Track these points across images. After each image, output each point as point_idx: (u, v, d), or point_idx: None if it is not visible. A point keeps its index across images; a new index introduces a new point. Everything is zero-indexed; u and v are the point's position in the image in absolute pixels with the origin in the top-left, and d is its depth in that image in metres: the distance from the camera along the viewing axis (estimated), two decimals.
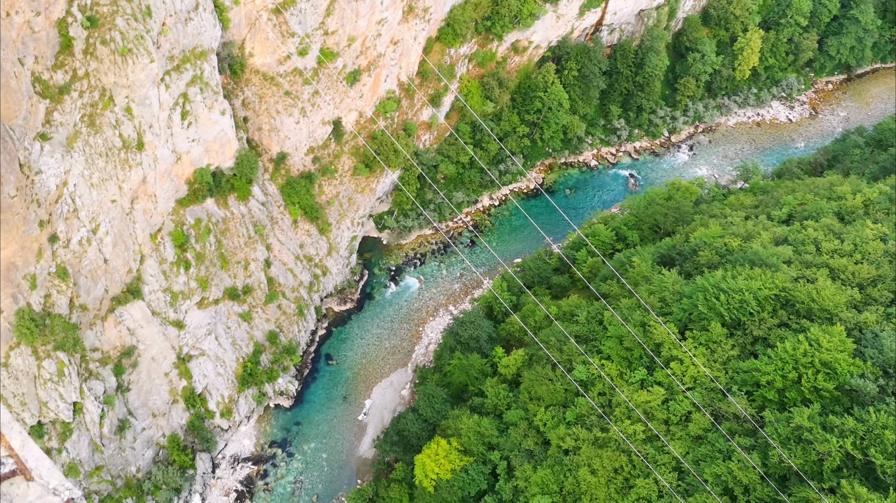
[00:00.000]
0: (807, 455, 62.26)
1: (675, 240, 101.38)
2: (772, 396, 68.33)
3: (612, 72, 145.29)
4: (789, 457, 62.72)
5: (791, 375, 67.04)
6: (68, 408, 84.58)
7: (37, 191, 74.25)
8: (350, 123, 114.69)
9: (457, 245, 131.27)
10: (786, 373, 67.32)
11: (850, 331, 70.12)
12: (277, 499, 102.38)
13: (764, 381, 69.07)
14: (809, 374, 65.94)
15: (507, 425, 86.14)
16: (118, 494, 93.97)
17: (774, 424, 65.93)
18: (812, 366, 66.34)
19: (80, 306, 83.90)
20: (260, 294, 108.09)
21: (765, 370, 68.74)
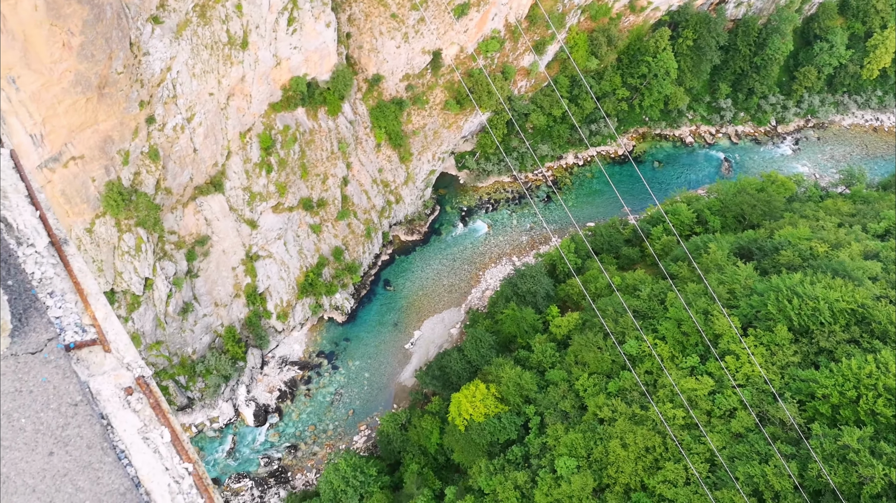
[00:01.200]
0: (848, 475, 60.70)
1: (758, 233, 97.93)
2: (824, 410, 66.45)
3: (729, 47, 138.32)
4: (829, 473, 61.27)
5: (850, 393, 64.89)
6: (140, 282, 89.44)
7: (142, 71, 76.88)
8: (449, 57, 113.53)
9: (532, 198, 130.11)
10: (845, 391, 65.19)
11: None
12: (316, 405, 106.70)
13: (820, 394, 67.13)
14: (870, 397, 63.69)
15: (547, 383, 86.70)
16: (172, 370, 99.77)
17: (821, 438, 64.31)
18: (874, 389, 63.98)
19: (165, 189, 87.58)
20: (333, 209, 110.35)
21: (823, 383, 66.71)
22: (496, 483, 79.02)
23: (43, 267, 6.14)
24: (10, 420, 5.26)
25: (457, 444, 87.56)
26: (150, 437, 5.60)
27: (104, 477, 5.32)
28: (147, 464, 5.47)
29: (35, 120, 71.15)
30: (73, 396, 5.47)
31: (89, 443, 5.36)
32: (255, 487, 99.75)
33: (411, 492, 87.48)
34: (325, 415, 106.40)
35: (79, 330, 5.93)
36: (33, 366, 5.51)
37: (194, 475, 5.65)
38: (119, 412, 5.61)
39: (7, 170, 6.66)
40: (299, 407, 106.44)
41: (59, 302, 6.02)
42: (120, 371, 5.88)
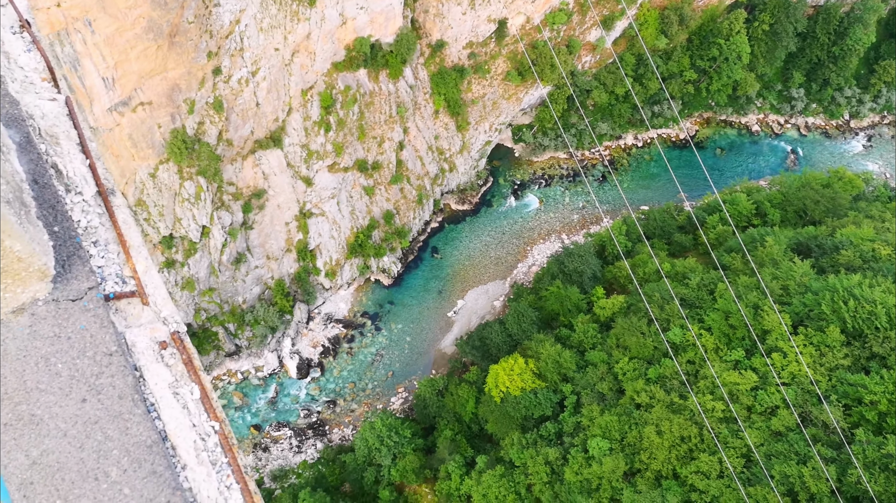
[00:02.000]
0: (888, 485, 59.25)
1: (819, 230, 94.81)
2: (871, 417, 64.73)
3: (807, 35, 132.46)
4: (869, 481, 59.89)
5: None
6: (197, 229, 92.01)
7: (212, 22, 78.06)
8: (515, 27, 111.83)
9: (587, 176, 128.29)
10: (893, 398, 63.26)
11: None
12: (357, 364, 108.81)
13: (867, 400, 65.36)
14: None
15: (586, 363, 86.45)
16: (222, 317, 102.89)
17: (864, 445, 62.77)
18: None
19: (227, 140, 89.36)
20: (387, 173, 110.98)
21: (873, 389, 64.87)
22: (527, 456, 79.67)
23: (89, 216, 6.39)
24: (47, 364, 5.53)
25: (491, 415, 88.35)
26: (179, 393, 5.84)
27: (133, 428, 5.60)
28: (175, 419, 5.73)
29: (108, 63, 73.20)
30: (108, 346, 5.75)
31: (121, 393, 5.64)
32: (294, 437, 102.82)
33: (443, 456, 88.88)
34: (365, 374, 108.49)
35: (119, 281, 6.19)
36: (73, 313, 5.76)
37: (220, 434, 5.89)
38: (152, 365, 5.88)
39: (61, 117, 6.91)
40: (341, 364, 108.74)
41: (103, 251, 6.27)
42: (156, 325, 6.14)
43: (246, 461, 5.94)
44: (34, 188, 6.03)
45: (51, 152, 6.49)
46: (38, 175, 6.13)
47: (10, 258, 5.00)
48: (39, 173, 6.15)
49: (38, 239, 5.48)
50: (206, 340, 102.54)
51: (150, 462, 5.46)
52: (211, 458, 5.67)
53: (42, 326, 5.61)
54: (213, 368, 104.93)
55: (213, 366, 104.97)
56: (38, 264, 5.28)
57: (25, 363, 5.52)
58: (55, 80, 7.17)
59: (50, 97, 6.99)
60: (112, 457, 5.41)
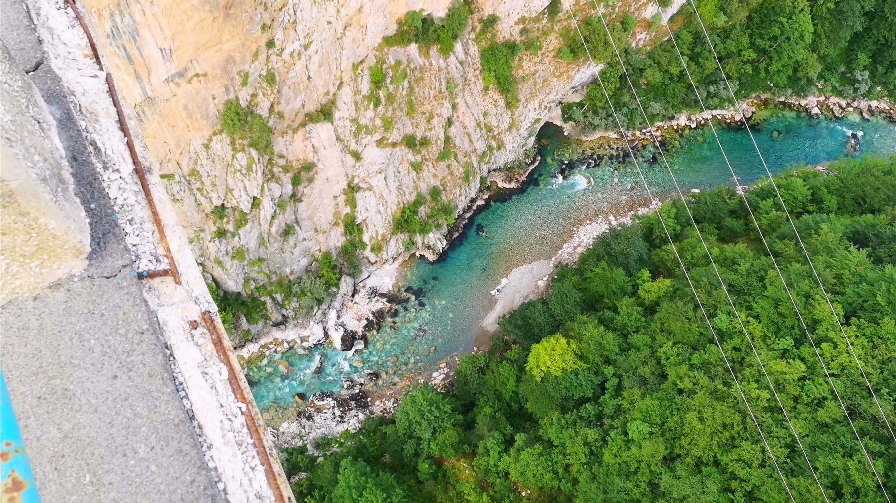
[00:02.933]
0: None
1: (878, 218, 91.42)
2: None
3: (875, 14, 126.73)
4: None
5: None
6: (248, 200, 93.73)
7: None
8: (569, 2, 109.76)
9: (637, 157, 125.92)
10: None
11: None
12: (400, 338, 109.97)
13: None
14: None
15: (629, 346, 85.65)
16: (271, 287, 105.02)
17: None
18: None
19: (278, 113, 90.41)
20: (434, 149, 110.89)
21: None
22: (566, 437, 79.68)
23: (126, 193, 6.48)
24: (81, 340, 5.67)
25: (531, 394, 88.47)
26: (208, 373, 5.93)
27: (161, 406, 5.71)
28: (202, 399, 5.82)
29: (165, 34, 74.59)
30: (140, 324, 5.86)
31: (151, 371, 5.74)
32: (337, 407, 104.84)
33: (482, 433, 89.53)
34: (408, 348, 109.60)
35: (153, 259, 6.28)
36: (106, 290, 5.87)
37: (246, 415, 5.96)
38: (182, 344, 5.97)
39: (101, 93, 7.00)
40: (384, 337, 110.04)
41: (138, 230, 6.36)
42: (188, 304, 6.22)
43: (270, 443, 6.01)
44: (73, 165, 6.15)
45: (90, 129, 6.59)
46: (77, 152, 6.24)
47: (46, 235, 5.12)
48: (78, 150, 6.26)
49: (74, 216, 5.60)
50: (254, 309, 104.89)
51: (177, 440, 5.58)
52: (237, 439, 5.77)
53: (77, 302, 5.75)
54: (260, 337, 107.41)
55: (261, 335, 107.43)
56: (73, 241, 5.40)
57: (60, 338, 5.67)
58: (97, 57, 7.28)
59: (91, 73, 7.10)
60: (140, 433, 5.55)
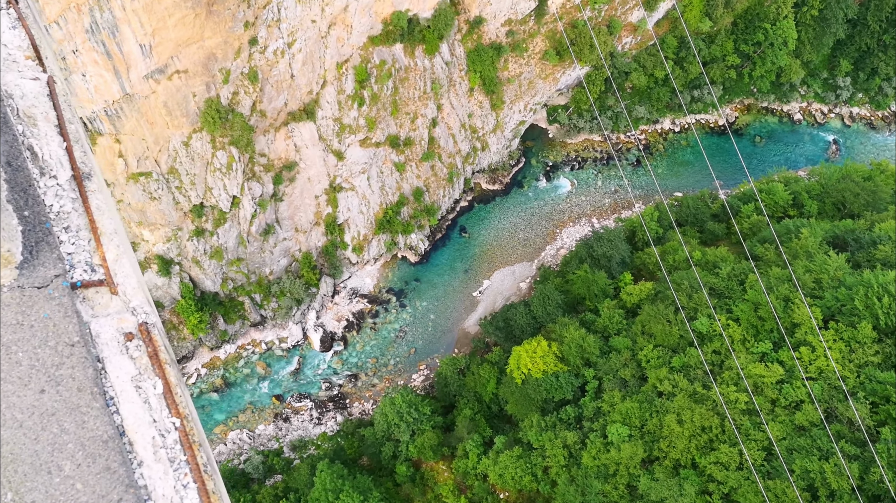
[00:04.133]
0: None
1: (857, 224, 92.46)
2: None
3: (857, 22, 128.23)
4: (892, 480, 58.87)
5: None
6: (228, 199, 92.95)
7: None
8: (555, 5, 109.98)
9: (621, 160, 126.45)
10: None
11: None
12: (380, 339, 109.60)
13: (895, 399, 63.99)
14: None
15: (610, 349, 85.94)
16: (249, 287, 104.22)
17: (889, 443, 61.63)
18: None
19: (260, 112, 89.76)
20: (418, 150, 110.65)
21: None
22: (546, 439, 79.78)
23: (62, 200, 6.25)
24: (8, 352, 5.45)
25: (511, 396, 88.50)
26: (142, 387, 5.75)
27: (90, 422, 5.52)
28: (134, 414, 5.64)
29: (146, 30, 73.73)
30: (71, 336, 5.67)
31: (80, 385, 5.56)
32: (315, 409, 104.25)
33: (462, 435, 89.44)
34: (388, 350, 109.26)
35: (88, 269, 6.07)
36: (37, 300, 5.65)
37: (181, 431, 5.78)
38: (115, 357, 5.79)
39: (41, 97, 6.76)
40: (364, 339, 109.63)
41: (73, 238, 6.13)
42: (124, 315, 6.03)
43: (205, 460, 5.84)
44: (6, 170, 5.93)
45: (27, 133, 6.38)
46: (13, 157, 6.03)
47: None
48: (14, 155, 6.05)
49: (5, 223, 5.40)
50: (232, 310, 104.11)
51: (104, 457, 5.40)
52: (169, 456, 5.59)
53: (5, 314, 5.53)
54: (237, 338, 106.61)
55: (238, 336, 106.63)
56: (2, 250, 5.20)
57: None
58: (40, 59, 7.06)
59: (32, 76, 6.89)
60: (67, 450, 5.35)
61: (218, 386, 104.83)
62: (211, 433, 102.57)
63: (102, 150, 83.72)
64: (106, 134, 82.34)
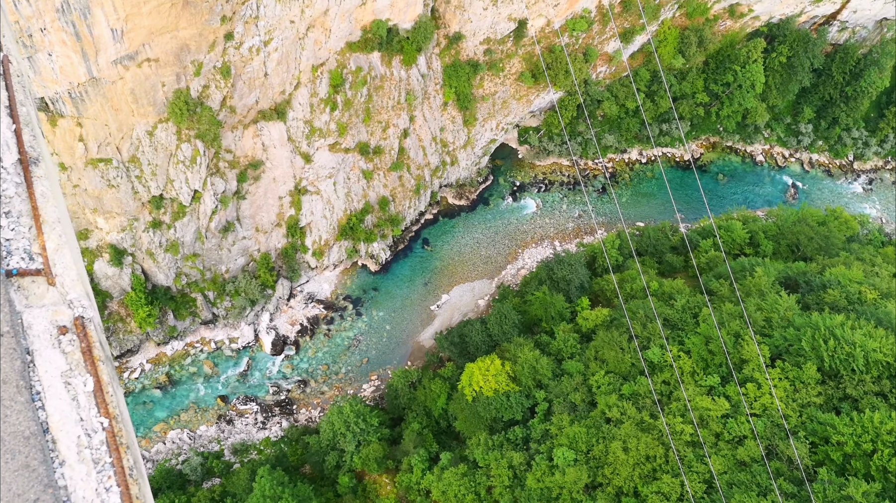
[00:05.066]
0: None
1: (809, 267, 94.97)
2: (836, 457, 64.93)
3: (822, 72, 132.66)
4: None
5: (866, 446, 63.19)
6: (189, 193, 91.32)
7: None
8: (534, 28, 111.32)
9: (587, 186, 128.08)
10: (861, 442, 63.49)
11: None
12: (333, 346, 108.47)
13: (834, 440, 65.54)
14: (885, 453, 61.93)
15: (562, 372, 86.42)
16: (203, 284, 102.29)
17: (826, 484, 62.98)
18: (891, 447, 62.13)
19: (230, 107, 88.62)
20: (387, 159, 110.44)
21: (841, 429, 65.05)
22: (492, 458, 79.62)
23: (5, 184, 5.95)
24: None
25: (461, 413, 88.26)
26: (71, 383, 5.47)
27: (12, 416, 5.21)
28: (61, 411, 5.35)
29: (119, 15, 72.27)
30: (1, 326, 5.37)
31: (6, 377, 5.25)
32: (260, 412, 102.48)
33: (408, 449, 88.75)
34: (340, 357, 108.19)
35: (26, 257, 5.77)
36: None
37: (108, 432, 5.50)
38: (46, 350, 5.49)
39: None
40: (317, 345, 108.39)
41: (14, 224, 5.82)
42: (60, 307, 5.74)
43: (131, 463, 5.56)
44: None
45: None
46: None
47: None
48: None
49: None
50: (183, 305, 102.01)
51: (24, 454, 5.10)
52: (94, 457, 5.31)
53: None
54: (186, 335, 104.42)
55: (188, 333, 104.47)
56: None
57: None
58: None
59: None
60: None
61: (162, 383, 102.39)
62: (150, 431, 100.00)
63: (63, 132, 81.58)
64: (67, 116, 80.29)
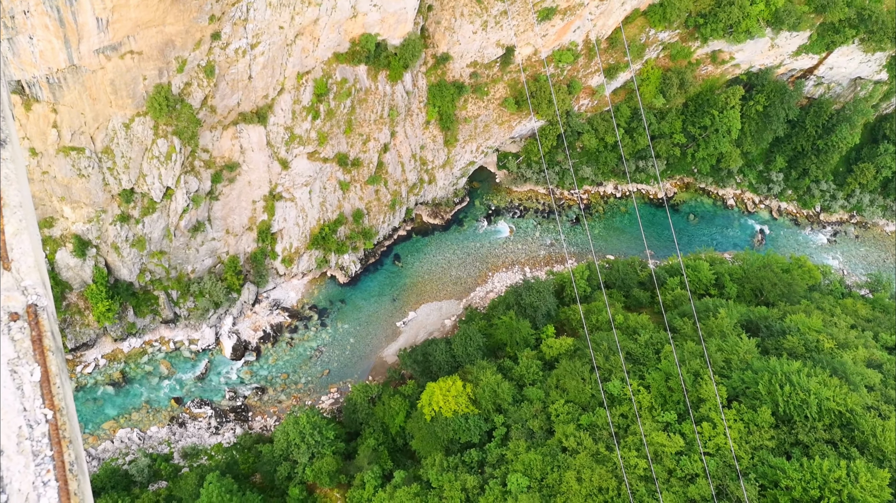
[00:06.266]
0: None
1: (771, 312, 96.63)
2: (783, 501, 65.67)
3: (796, 123, 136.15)
4: None
5: (813, 492, 64.04)
6: (161, 189, 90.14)
7: None
8: (521, 56, 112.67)
9: (561, 216, 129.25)
10: (809, 488, 64.35)
11: (895, 482, 65.90)
12: (295, 356, 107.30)
13: (783, 484, 66.33)
14: (831, 501, 62.82)
15: (523, 398, 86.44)
16: (167, 282, 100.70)
17: None
18: (838, 495, 63.09)
19: (210, 107, 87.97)
20: (365, 172, 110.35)
21: (791, 474, 65.90)
22: (445, 480, 79.06)
23: None
24: None
25: (418, 432, 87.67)
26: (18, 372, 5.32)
27: None
28: (4, 400, 5.19)
29: (106, 5, 71.58)
30: None
31: None
32: (214, 417, 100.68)
33: (362, 464, 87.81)
34: (301, 367, 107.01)
35: None
36: None
37: (52, 424, 5.34)
38: None
39: None
40: (278, 352, 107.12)
41: None
42: (13, 293, 5.59)
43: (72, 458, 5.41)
44: None
45: None
46: None
47: None
48: None
49: None
50: (144, 302, 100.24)
51: None
52: (34, 449, 5.16)
53: None
54: (145, 332, 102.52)
55: (147, 331, 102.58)
56: None
57: None
58: None
59: None
60: None
61: (116, 379, 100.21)
62: (99, 428, 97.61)
63: (37, 117, 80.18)
64: (43, 101, 78.99)
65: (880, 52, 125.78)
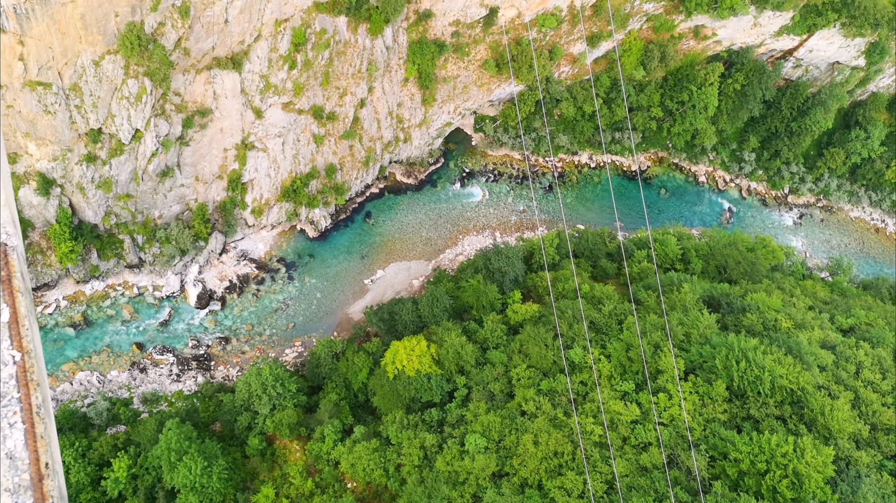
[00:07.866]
0: None
1: (732, 289, 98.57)
2: (731, 473, 67.99)
3: (772, 104, 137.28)
4: None
5: (760, 465, 66.36)
6: (130, 130, 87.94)
7: None
8: (505, 18, 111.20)
9: (535, 182, 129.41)
10: (756, 461, 66.63)
11: (838, 459, 68.57)
12: (260, 307, 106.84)
13: (732, 456, 68.58)
14: (777, 474, 65.18)
15: (485, 361, 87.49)
16: (133, 227, 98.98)
17: (718, 497, 65.89)
18: (783, 469, 65.46)
19: (184, 49, 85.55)
20: (341, 126, 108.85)
21: (740, 447, 68.11)
22: (405, 437, 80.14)
23: None
24: None
25: (380, 389, 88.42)
26: None
27: None
28: None
29: None
30: None
31: None
32: (176, 364, 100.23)
33: (322, 418, 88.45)
34: (266, 319, 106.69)
35: None
36: None
37: (19, 366, 5.18)
38: None
39: None
40: (244, 303, 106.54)
41: None
42: None
43: (39, 401, 5.28)
44: None
45: None
46: None
47: None
48: None
49: None
50: (109, 246, 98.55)
51: None
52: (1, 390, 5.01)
53: None
54: (108, 276, 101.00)
55: (110, 275, 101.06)
56: None
57: None
58: None
59: None
60: None
61: (77, 322, 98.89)
62: (58, 370, 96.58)
63: (2, 48, 77.20)
64: (10, 32, 75.99)
65: (860, 37, 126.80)
